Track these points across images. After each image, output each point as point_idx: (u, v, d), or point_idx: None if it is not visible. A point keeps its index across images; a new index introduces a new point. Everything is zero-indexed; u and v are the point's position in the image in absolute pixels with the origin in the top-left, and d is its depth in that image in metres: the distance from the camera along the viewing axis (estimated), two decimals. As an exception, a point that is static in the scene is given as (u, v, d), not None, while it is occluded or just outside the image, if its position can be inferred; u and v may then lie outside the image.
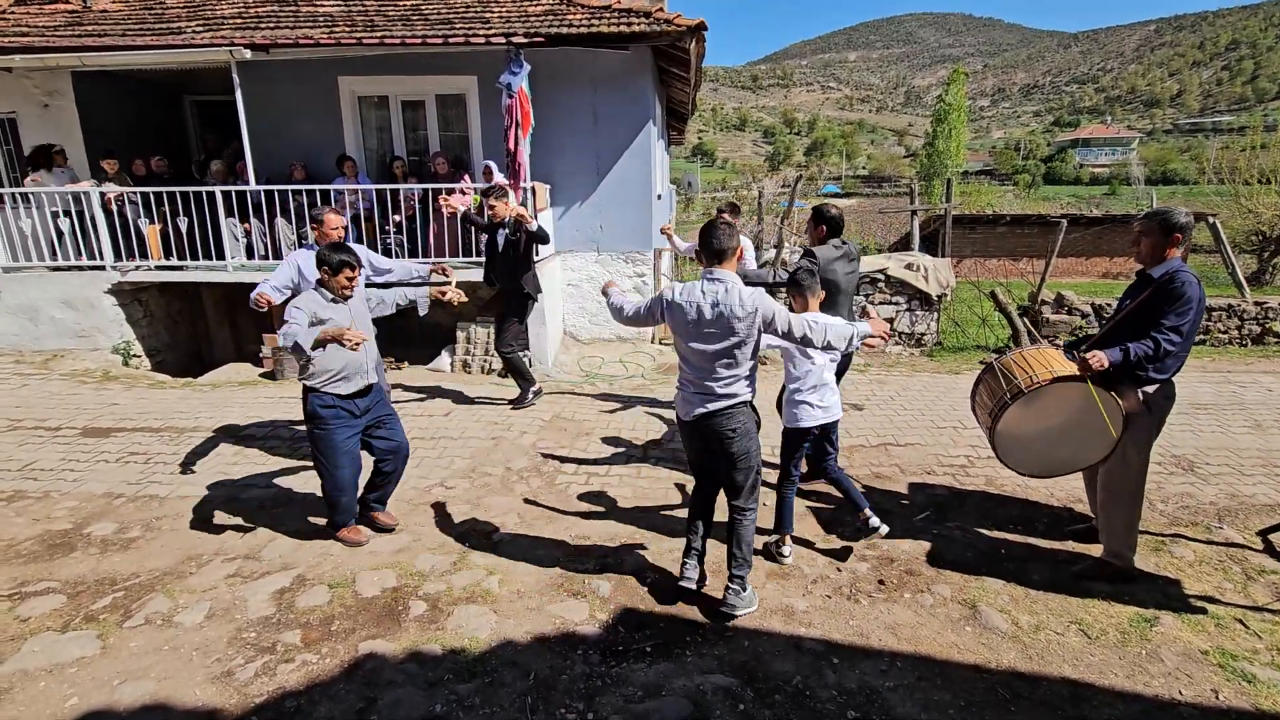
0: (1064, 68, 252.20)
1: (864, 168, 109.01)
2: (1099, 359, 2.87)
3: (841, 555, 3.46)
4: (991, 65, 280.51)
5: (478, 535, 3.67)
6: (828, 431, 3.56)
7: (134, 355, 7.71)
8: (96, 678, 2.54)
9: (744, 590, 2.96)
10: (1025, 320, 8.12)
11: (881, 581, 3.23)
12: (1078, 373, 2.94)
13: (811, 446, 3.58)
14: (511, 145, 6.97)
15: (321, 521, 3.79)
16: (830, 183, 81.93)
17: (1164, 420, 3.08)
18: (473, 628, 2.85)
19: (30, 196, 7.38)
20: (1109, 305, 8.09)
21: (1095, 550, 3.39)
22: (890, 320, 8.41)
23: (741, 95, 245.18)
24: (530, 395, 6.00)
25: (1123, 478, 3.11)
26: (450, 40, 6.98)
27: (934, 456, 4.79)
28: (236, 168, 8.00)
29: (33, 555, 3.49)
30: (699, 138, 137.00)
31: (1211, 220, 9.02)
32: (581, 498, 4.17)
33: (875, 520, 3.44)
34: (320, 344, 3.12)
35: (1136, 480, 3.12)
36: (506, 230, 5.72)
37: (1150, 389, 3.00)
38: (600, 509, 4.02)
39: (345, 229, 4.44)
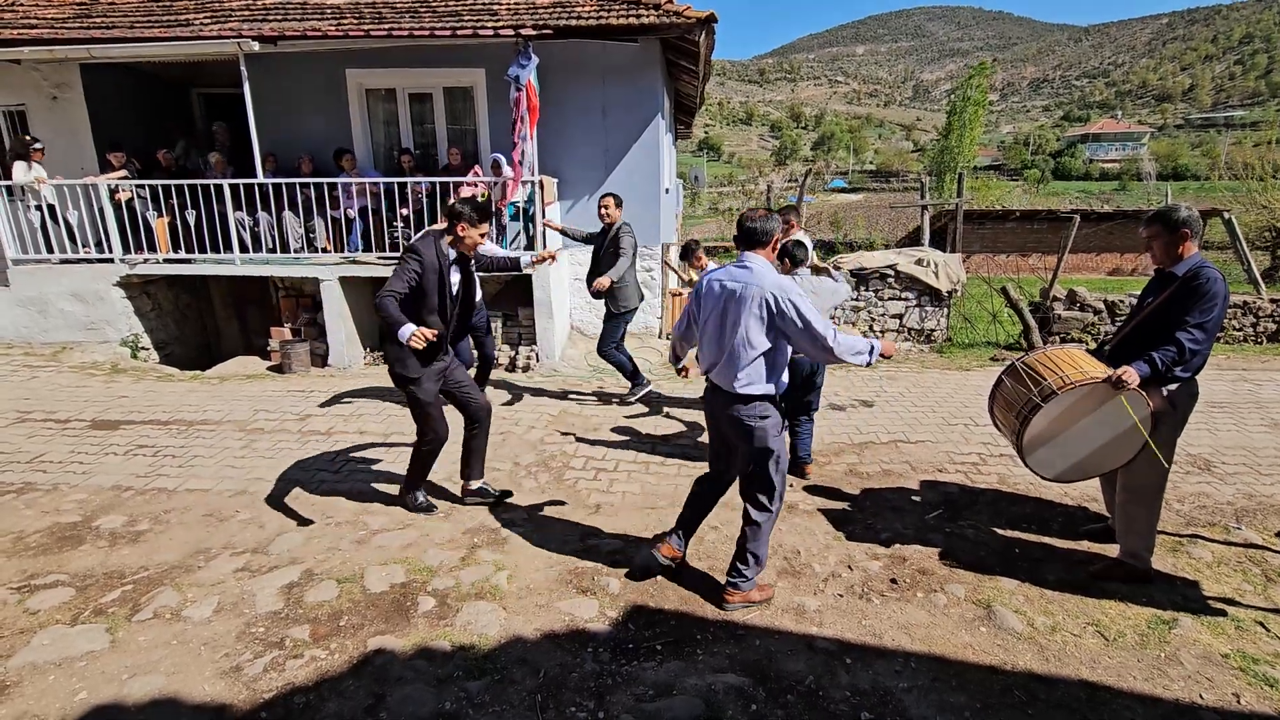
0: (1074, 62, 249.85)
1: (871, 163, 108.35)
2: (1130, 375, 2.79)
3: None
4: (1001, 59, 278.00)
5: (486, 531, 3.65)
6: None
7: (142, 348, 7.73)
8: (105, 672, 2.53)
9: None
10: (1033, 318, 8.05)
11: (894, 580, 3.19)
12: (1109, 374, 2.87)
13: None
14: (516, 138, 6.93)
15: (334, 517, 3.79)
16: (837, 177, 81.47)
17: (1187, 418, 3.03)
18: (482, 624, 2.83)
19: (26, 189, 7.31)
20: (1122, 302, 7.99)
21: (1111, 550, 3.35)
22: (899, 316, 8.35)
23: (748, 89, 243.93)
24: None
25: (1146, 476, 3.06)
26: (458, 32, 6.93)
27: (945, 454, 4.75)
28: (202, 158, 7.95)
29: (42, 548, 3.48)
30: (705, 131, 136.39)
31: (1227, 216, 8.89)
32: (590, 493, 4.15)
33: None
34: None
35: (1159, 479, 3.07)
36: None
37: (1174, 387, 2.94)
38: (609, 504, 4.00)
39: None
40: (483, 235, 3.59)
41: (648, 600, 3.04)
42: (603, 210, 5.63)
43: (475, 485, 3.97)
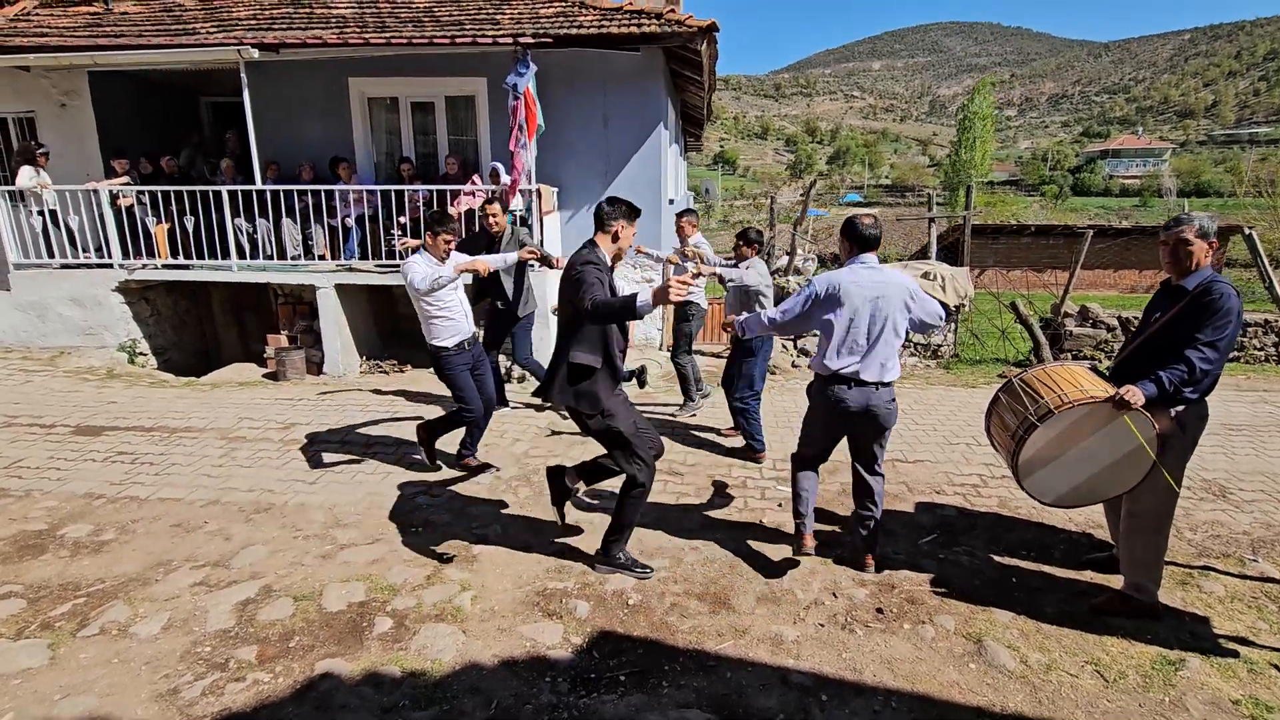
0: (1094, 77, 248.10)
1: (887, 177, 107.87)
2: (1134, 395, 2.61)
3: None
4: (1019, 75, 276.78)
5: (457, 547, 3.51)
6: None
7: (140, 353, 7.72)
8: (39, 691, 2.41)
9: None
10: (1044, 335, 7.82)
11: (880, 610, 3.00)
12: (1112, 393, 2.69)
13: None
14: (512, 145, 6.86)
15: (303, 530, 3.68)
16: (852, 191, 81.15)
17: (1197, 441, 2.83)
18: (437, 649, 2.68)
19: (29, 194, 7.36)
20: (1136, 318, 7.74)
21: (1115, 581, 3.13)
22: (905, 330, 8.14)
23: (764, 104, 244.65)
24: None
25: (1152, 503, 2.85)
26: (458, 41, 6.90)
27: (944, 475, 4.55)
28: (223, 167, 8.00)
29: (2, 557, 3.40)
30: (721, 145, 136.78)
31: (1248, 232, 8.61)
32: (569, 510, 3.99)
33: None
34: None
35: (1166, 506, 2.86)
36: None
37: (1182, 408, 2.75)
38: (588, 521, 3.84)
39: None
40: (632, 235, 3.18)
41: (616, 626, 2.88)
42: (491, 218, 5.26)
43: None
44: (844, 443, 3.33)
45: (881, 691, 2.51)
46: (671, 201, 9.99)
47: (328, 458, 4.75)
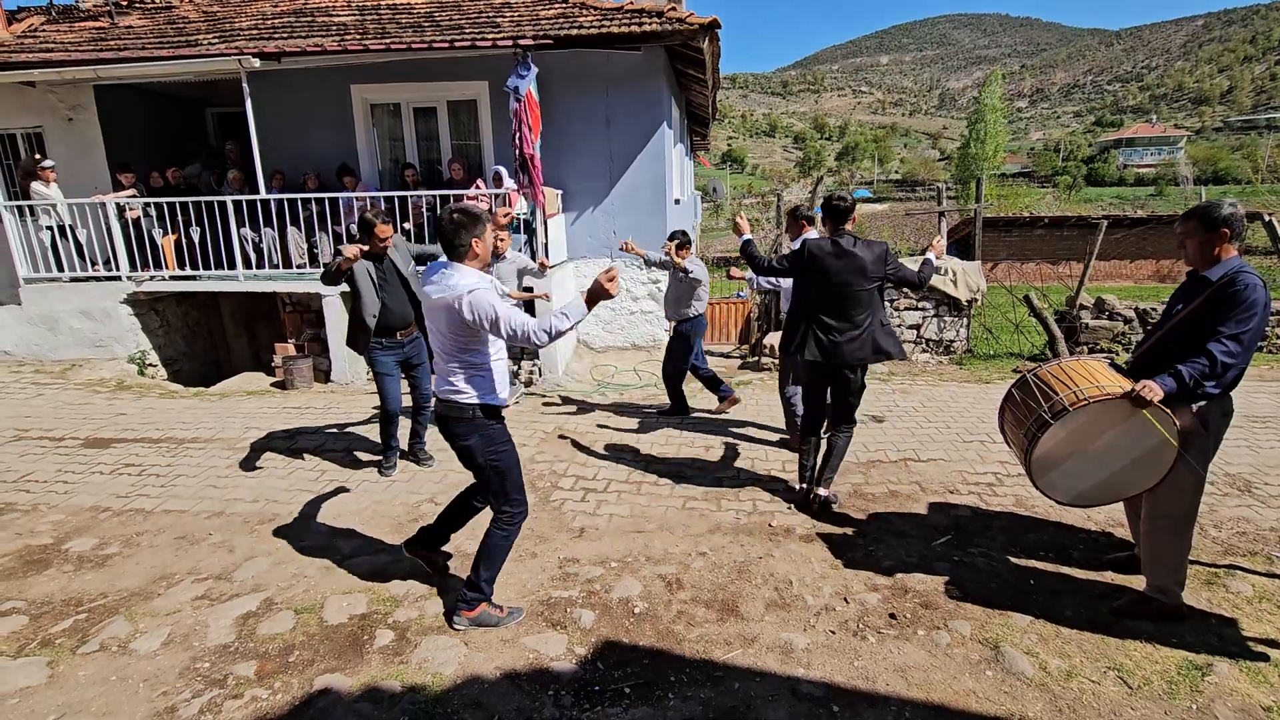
0: (1106, 66, 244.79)
1: (897, 172, 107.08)
2: (1152, 390, 2.51)
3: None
4: (1029, 65, 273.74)
5: (460, 556, 3.46)
6: None
7: (150, 365, 7.76)
8: (35, 711, 2.38)
9: None
10: (1059, 328, 7.66)
11: (893, 615, 2.92)
12: (1129, 389, 2.59)
13: None
14: (529, 149, 6.78)
15: (307, 541, 3.65)
16: (862, 187, 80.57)
17: (1221, 438, 2.72)
18: (439, 662, 2.63)
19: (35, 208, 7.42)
20: (1154, 310, 7.57)
21: (1137, 582, 3.03)
22: (916, 327, 8.03)
23: (771, 101, 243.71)
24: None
25: (1174, 502, 2.74)
26: (457, 45, 6.87)
27: (958, 473, 4.44)
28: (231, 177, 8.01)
29: (7, 572, 3.39)
30: (729, 144, 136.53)
31: (1267, 219, 8.40)
32: (575, 516, 3.94)
33: None
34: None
35: (1189, 505, 2.76)
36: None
37: (1206, 403, 2.64)
38: (594, 527, 3.79)
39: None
40: None
41: (622, 635, 2.82)
42: (381, 243, 4.42)
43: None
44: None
45: (895, 701, 2.43)
46: (678, 201, 9.91)
47: (332, 467, 4.72)
